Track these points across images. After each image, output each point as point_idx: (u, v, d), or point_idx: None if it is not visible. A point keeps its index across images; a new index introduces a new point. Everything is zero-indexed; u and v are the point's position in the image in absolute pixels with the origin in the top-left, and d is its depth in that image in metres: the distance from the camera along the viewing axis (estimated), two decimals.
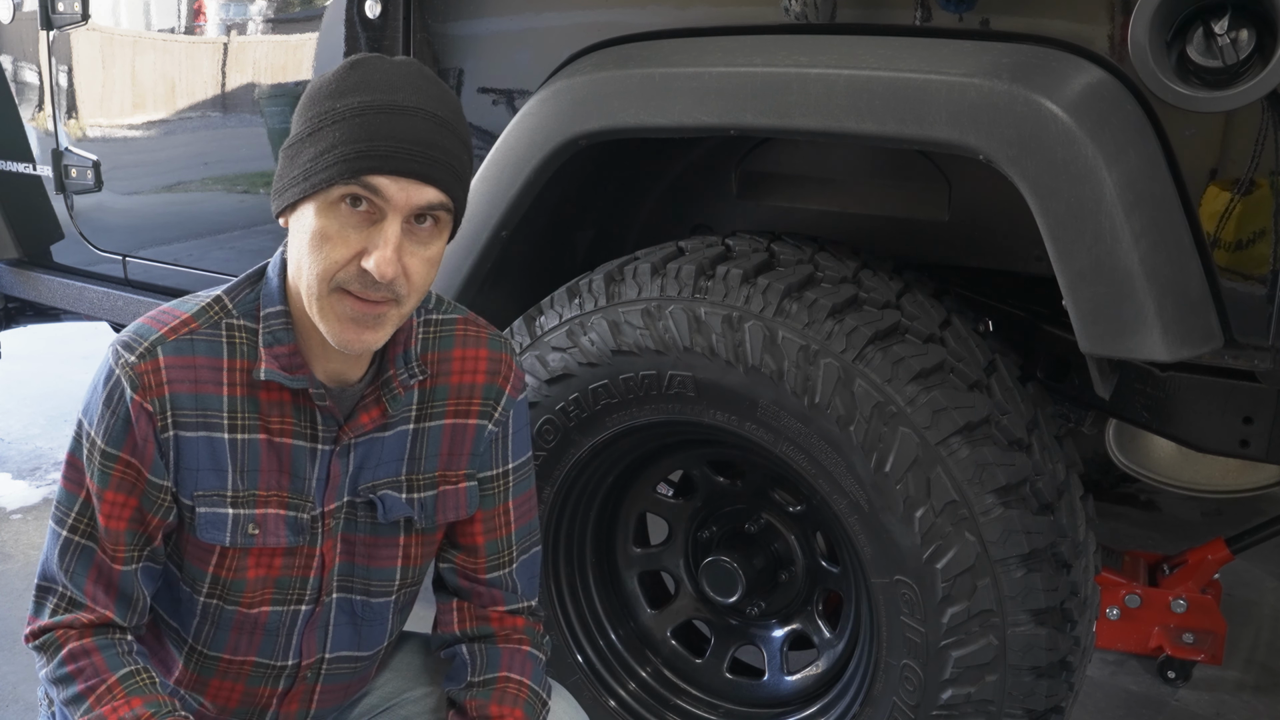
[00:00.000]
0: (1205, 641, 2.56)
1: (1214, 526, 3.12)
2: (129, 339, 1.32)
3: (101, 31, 2.71)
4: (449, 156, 1.25)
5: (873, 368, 1.64)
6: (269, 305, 1.34)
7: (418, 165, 1.22)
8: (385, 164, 1.21)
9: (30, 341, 4.17)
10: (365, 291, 1.25)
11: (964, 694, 1.67)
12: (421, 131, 1.22)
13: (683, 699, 2.12)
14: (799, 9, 1.70)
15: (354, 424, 1.37)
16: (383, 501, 1.41)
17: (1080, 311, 1.49)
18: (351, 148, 1.21)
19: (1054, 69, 1.49)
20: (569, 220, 2.13)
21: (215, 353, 1.33)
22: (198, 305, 1.35)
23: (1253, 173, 1.45)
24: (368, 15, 2.15)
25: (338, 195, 1.23)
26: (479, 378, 1.45)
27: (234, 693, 1.47)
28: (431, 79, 1.27)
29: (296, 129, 1.26)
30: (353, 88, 1.23)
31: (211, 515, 1.34)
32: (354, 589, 1.45)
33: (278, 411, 1.35)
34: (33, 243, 3.09)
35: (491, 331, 1.48)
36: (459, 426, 1.44)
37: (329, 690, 1.50)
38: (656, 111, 1.73)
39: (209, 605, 1.39)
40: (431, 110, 1.24)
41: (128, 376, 1.29)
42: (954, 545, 1.61)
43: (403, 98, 1.22)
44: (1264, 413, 1.69)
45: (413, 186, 1.22)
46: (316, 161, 1.22)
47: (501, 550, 1.51)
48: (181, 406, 1.31)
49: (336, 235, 1.24)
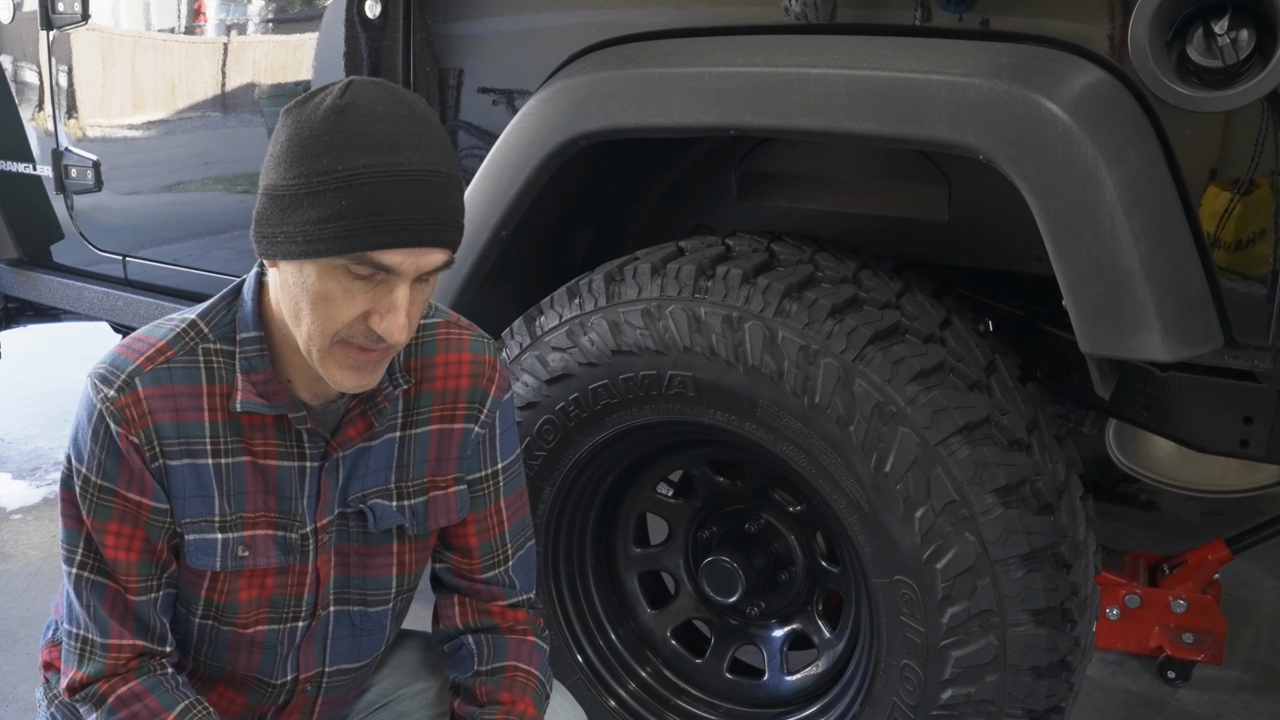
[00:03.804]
0: (1205, 641, 2.55)
1: (1214, 526, 3.12)
2: (106, 372, 1.29)
3: (101, 31, 2.71)
4: (455, 215, 1.22)
5: (873, 368, 1.64)
6: (245, 330, 1.31)
7: (429, 234, 1.19)
8: (398, 238, 1.17)
9: (30, 341, 4.17)
10: (368, 343, 1.24)
11: (964, 694, 1.67)
12: (430, 197, 1.19)
13: (683, 699, 2.12)
14: (799, 9, 1.70)
15: (341, 439, 1.36)
16: (373, 511, 1.41)
17: (1080, 311, 1.49)
18: (361, 221, 1.16)
19: (1054, 69, 1.49)
20: (569, 220, 2.13)
21: (194, 379, 1.31)
22: (173, 331, 1.32)
23: (1253, 173, 1.45)
24: (368, 15, 2.15)
25: (342, 263, 1.19)
26: (463, 382, 1.44)
27: (234, 705, 1.47)
28: (426, 122, 1.22)
29: (288, 178, 1.19)
30: (351, 144, 1.17)
31: (200, 541, 1.33)
32: (351, 600, 1.45)
33: (260, 434, 1.33)
34: (33, 243, 3.09)
35: (474, 333, 1.47)
36: (445, 432, 1.44)
37: (330, 701, 1.51)
38: (656, 111, 1.73)
39: (205, 626, 1.39)
40: (435, 169, 1.20)
41: (110, 412, 1.27)
42: (954, 545, 1.61)
43: (407, 159, 1.18)
44: (1264, 413, 1.69)
45: (423, 254, 1.20)
46: (321, 228, 1.17)
47: (496, 549, 1.51)
48: (165, 436, 1.29)
49: (341, 297, 1.21)
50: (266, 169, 1.22)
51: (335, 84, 1.22)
